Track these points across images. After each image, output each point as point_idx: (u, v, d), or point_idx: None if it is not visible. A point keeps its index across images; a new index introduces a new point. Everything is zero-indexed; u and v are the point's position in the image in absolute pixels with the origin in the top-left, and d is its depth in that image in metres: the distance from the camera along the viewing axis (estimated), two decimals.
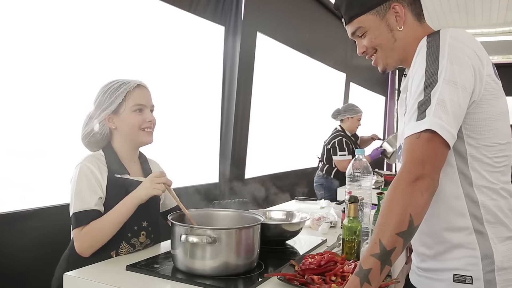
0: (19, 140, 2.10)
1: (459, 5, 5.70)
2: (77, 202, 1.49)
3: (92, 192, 1.51)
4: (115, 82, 1.63)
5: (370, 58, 1.36)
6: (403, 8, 1.26)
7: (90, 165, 1.54)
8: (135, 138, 1.64)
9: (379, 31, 1.28)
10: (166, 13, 2.90)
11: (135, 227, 1.60)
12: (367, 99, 7.64)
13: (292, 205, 2.80)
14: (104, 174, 1.57)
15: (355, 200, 1.55)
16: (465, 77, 1.09)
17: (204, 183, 3.29)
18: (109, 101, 1.59)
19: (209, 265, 1.30)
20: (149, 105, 1.66)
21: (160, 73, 2.85)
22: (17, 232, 1.94)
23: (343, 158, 4.14)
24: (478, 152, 1.15)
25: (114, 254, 1.54)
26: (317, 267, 1.31)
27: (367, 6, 1.27)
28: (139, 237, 1.62)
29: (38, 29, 2.12)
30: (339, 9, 1.35)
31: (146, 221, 1.64)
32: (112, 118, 1.61)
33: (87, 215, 1.48)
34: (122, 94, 1.59)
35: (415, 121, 1.08)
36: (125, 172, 1.62)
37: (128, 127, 1.61)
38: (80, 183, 1.51)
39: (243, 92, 3.58)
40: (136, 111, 1.61)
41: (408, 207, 1.02)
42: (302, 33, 4.73)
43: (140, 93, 1.63)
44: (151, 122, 1.65)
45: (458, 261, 1.16)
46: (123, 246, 1.57)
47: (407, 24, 1.27)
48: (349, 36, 1.36)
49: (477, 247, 1.14)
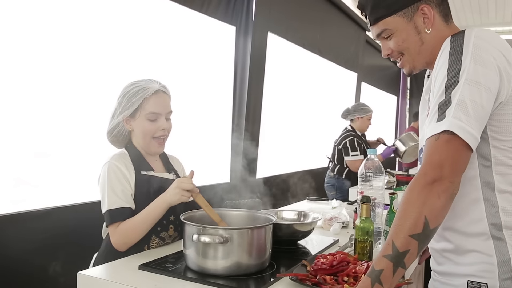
0: (27, 141, 2.11)
1: (472, 4, 5.65)
2: (110, 199, 1.55)
3: (123, 189, 1.57)
4: (135, 85, 1.65)
5: (396, 60, 1.32)
6: (432, 10, 1.22)
7: (117, 163, 1.60)
8: (146, 146, 1.69)
9: (406, 34, 1.24)
10: (178, 14, 2.91)
11: (164, 221, 1.65)
12: (379, 98, 7.61)
13: (304, 205, 2.80)
14: (132, 172, 1.62)
15: (368, 200, 1.54)
16: (489, 78, 1.06)
17: (215, 182, 3.30)
18: (127, 105, 1.63)
19: (221, 265, 1.30)
20: (164, 112, 1.67)
21: (172, 73, 2.86)
22: (30, 231, 1.96)
23: (356, 158, 4.11)
24: (504, 155, 1.11)
25: (146, 248, 1.61)
26: (329, 267, 1.30)
27: (394, 7, 1.23)
28: (168, 231, 1.68)
29: (45, 30, 2.14)
30: (363, 10, 1.30)
31: (173, 215, 1.69)
32: (130, 120, 1.66)
33: (120, 213, 1.54)
34: (138, 101, 1.62)
35: (435, 123, 1.05)
36: (149, 169, 1.68)
37: (141, 134, 1.66)
38: (110, 181, 1.57)
39: (254, 92, 3.58)
40: (150, 119, 1.64)
41: (423, 209, 1.00)
42: (313, 33, 4.71)
43: (156, 100, 1.64)
44: (165, 130, 1.67)
45: (473, 267, 1.13)
46: (154, 239, 1.63)
47: (435, 26, 1.23)
48: (373, 37, 1.32)
49: (494, 254, 1.10)
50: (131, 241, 1.55)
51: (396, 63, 1.33)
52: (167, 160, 1.82)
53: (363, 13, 1.32)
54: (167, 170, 1.77)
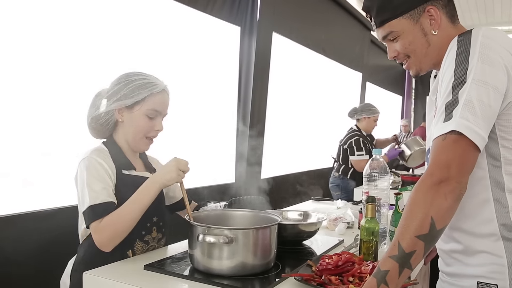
0: (25, 140, 2.12)
1: (478, 4, 5.63)
2: (91, 194, 1.41)
3: (105, 183, 1.45)
4: (142, 77, 1.55)
5: (402, 62, 1.31)
6: (438, 11, 1.21)
7: (97, 157, 1.48)
8: (135, 143, 1.59)
9: (412, 36, 1.23)
10: (183, 14, 2.92)
11: (148, 224, 1.57)
12: (384, 98, 7.60)
13: (309, 205, 2.80)
14: (113, 169, 1.51)
15: (373, 200, 1.54)
16: (497, 77, 1.05)
17: (220, 183, 3.30)
18: (129, 94, 1.52)
19: (226, 265, 1.30)
20: (164, 113, 1.61)
21: (177, 73, 2.87)
22: (30, 232, 1.96)
23: (361, 158, 4.10)
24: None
25: (131, 253, 1.53)
26: (334, 267, 1.30)
27: (400, 10, 1.21)
28: (151, 233, 1.60)
29: (49, 32, 2.15)
30: (369, 12, 1.29)
31: (156, 216, 1.60)
32: (123, 111, 1.55)
33: (104, 207, 1.41)
34: (144, 95, 1.52)
35: (442, 123, 1.05)
36: (131, 167, 1.58)
37: (134, 129, 1.56)
38: (90, 176, 1.44)
39: (259, 92, 3.59)
40: (149, 116, 1.55)
41: (429, 210, 0.99)
42: (318, 33, 4.71)
43: (161, 99, 1.57)
44: (158, 131, 1.59)
45: (482, 268, 1.12)
46: (138, 244, 1.55)
47: (442, 27, 1.21)
48: (379, 39, 1.31)
49: (504, 255, 1.09)
50: (118, 235, 1.40)
51: (402, 64, 1.32)
52: (146, 160, 1.71)
53: (368, 16, 1.30)
54: (148, 170, 1.66)
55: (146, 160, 1.71)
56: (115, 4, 2.47)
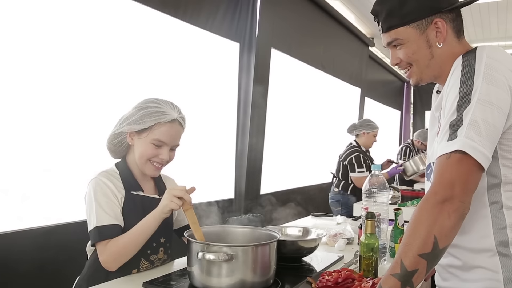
0: (28, 156, 2.12)
1: (474, 19, 5.68)
2: (99, 216, 1.46)
3: (112, 206, 1.49)
4: (155, 105, 1.57)
5: (403, 70, 1.32)
6: (445, 24, 1.21)
7: (105, 179, 1.52)
8: (141, 166, 1.60)
9: (417, 46, 1.23)
10: (183, 31, 2.95)
11: (154, 244, 1.59)
12: (382, 113, 7.62)
13: (308, 221, 2.79)
14: (121, 190, 1.55)
15: (372, 216, 1.53)
16: (501, 97, 1.05)
17: (219, 199, 3.29)
18: (138, 120, 1.55)
19: (226, 283, 1.29)
20: (171, 144, 1.59)
21: (176, 89, 2.88)
22: (35, 248, 1.96)
23: (362, 175, 4.09)
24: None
25: (136, 272, 1.54)
26: (334, 284, 1.30)
27: (409, 18, 1.22)
28: (158, 254, 1.61)
29: (52, 47, 2.17)
30: (377, 16, 1.29)
31: (164, 237, 1.63)
32: (134, 135, 1.58)
33: (110, 230, 1.46)
34: (150, 123, 1.54)
35: (446, 141, 1.05)
36: (139, 189, 1.60)
37: (139, 153, 1.58)
38: (97, 197, 1.49)
39: (258, 108, 3.60)
40: (154, 144, 1.56)
41: (433, 229, 0.99)
42: (316, 49, 4.75)
43: (169, 130, 1.56)
44: (163, 160, 1.59)
45: (479, 283, 1.12)
46: (143, 263, 1.56)
47: (447, 41, 1.22)
48: (383, 44, 1.31)
49: (500, 270, 1.09)
50: (123, 260, 1.46)
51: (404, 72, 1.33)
52: (160, 181, 1.73)
53: (376, 20, 1.31)
54: (158, 192, 1.67)
55: (159, 182, 1.72)
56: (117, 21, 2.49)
